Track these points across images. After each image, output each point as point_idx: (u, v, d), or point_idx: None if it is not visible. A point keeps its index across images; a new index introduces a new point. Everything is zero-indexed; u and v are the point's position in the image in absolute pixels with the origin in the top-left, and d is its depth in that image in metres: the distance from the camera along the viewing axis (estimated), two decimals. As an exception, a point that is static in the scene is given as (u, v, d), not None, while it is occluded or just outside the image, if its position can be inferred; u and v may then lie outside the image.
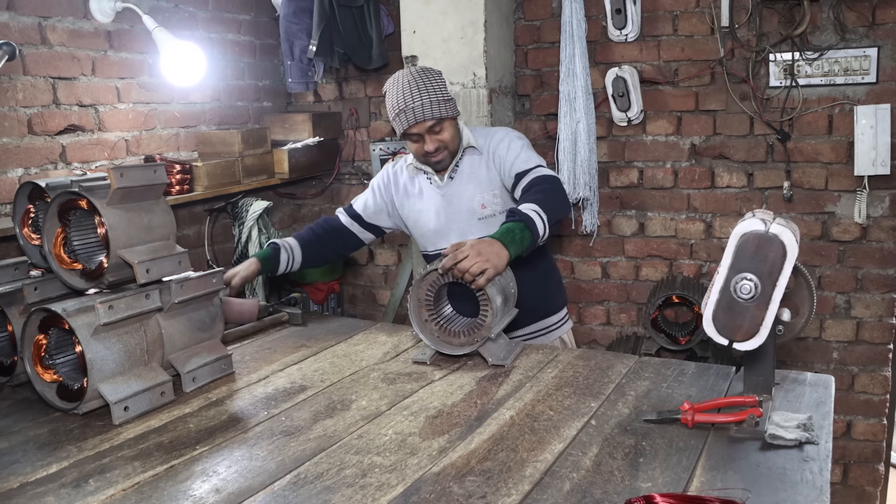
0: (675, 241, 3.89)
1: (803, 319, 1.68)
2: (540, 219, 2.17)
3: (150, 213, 1.88)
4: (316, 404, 1.80)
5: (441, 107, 2.37)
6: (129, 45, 3.47)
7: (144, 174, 1.85)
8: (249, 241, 3.89)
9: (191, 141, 3.87)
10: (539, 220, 2.16)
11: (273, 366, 2.11)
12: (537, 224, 2.15)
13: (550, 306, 2.67)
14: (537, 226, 2.15)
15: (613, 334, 4.09)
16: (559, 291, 2.74)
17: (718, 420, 1.55)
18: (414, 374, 1.98)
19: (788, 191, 3.58)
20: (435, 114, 2.37)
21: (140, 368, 1.82)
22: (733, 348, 1.55)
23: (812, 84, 3.46)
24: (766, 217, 1.55)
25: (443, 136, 2.42)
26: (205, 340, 2.00)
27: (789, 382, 1.78)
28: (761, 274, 1.51)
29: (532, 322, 2.60)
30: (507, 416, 1.68)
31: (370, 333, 2.39)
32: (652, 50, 3.74)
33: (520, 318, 2.48)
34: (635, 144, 3.87)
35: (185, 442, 1.63)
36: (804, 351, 3.71)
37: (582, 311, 4.13)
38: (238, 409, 1.81)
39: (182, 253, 1.91)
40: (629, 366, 1.96)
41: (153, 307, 1.84)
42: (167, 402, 1.84)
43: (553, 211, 2.23)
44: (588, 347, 4.08)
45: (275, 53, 4.49)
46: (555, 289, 2.71)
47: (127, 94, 3.49)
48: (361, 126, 4.57)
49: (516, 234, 2.10)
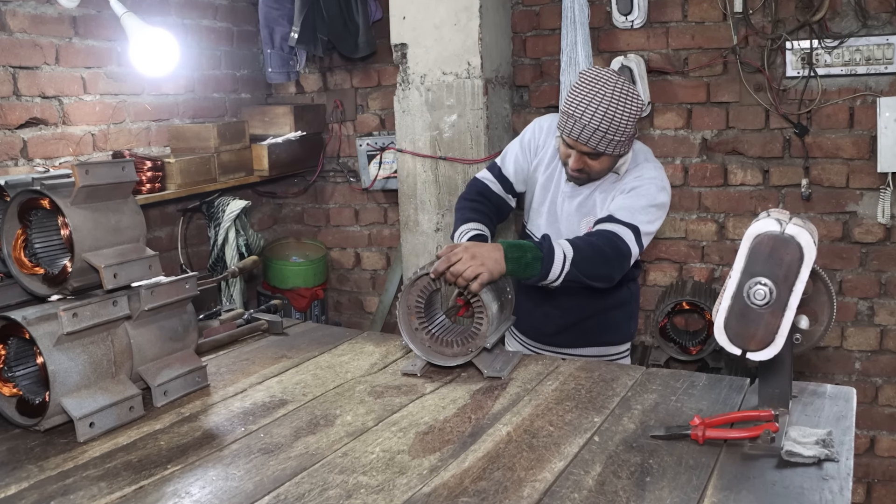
0: (685, 244, 3.89)
1: (822, 327, 1.68)
2: (562, 263, 2.09)
3: (118, 214, 1.88)
4: (297, 420, 1.80)
5: (610, 143, 2.24)
6: (96, 31, 3.47)
7: (112, 171, 1.85)
8: (226, 243, 3.89)
9: (162, 135, 3.87)
10: (559, 264, 2.09)
11: (251, 378, 2.10)
12: (555, 265, 2.08)
13: (615, 335, 2.63)
14: (553, 266, 2.08)
15: (619, 343, 4.10)
16: (626, 323, 2.67)
17: (731, 436, 1.55)
18: (403, 388, 1.98)
19: (806, 189, 3.59)
20: (599, 146, 2.24)
21: (107, 381, 1.81)
22: (747, 358, 1.56)
23: (832, 74, 3.47)
24: (782, 217, 1.56)
25: (593, 163, 2.31)
26: (177, 351, 2.00)
27: (807, 395, 1.79)
28: (777, 278, 1.51)
29: (588, 345, 2.59)
30: (503, 433, 1.68)
31: (356, 343, 2.39)
32: (660, 37, 3.75)
33: (575, 335, 2.47)
34: (642, 139, 3.87)
35: (155, 461, 1.62)
36: (824, 361, 3.72)
37: (585, 319, 4.14)
38: (213, 425, 1.80)
39: (153, 256, 1.90)
40: (635, 378, 1.96)
41: (121, 315, 1.84)
42: (136, 417, 1.84)
43: (584, 270, 2.12)
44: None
45: (253, 41, 4.48)
46: (620, 318, 2.64)
47: (93, 85, 3.48)
48: (347, 119, 4.57)
49: (526, 257, 2.05)
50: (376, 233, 4.68)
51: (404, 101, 3.78)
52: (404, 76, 3.76)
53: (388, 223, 4.62)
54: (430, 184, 3.77)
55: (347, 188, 4.67)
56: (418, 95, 3.74)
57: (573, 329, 2.58)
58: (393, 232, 4.58)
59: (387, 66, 4.37)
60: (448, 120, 3.70)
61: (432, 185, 3.77)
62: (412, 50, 3.73)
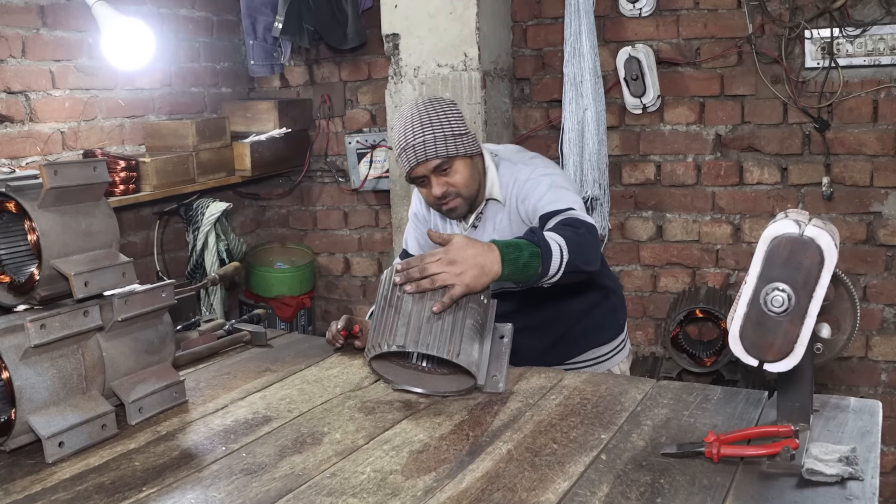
0: (698, 247, 3.90)
1: (845, 336, 1.68)
2: (560, 256, 1.97)
3: (89, 217, 1.87)
4: (282, 438, 1.80)
5: (449, 143, 2.26)
6: (66, 22, 3.47)
7: (83, 172, 1.84)
8: (205, 248, 3.89)
9: (137, 133, 3.87)
10: (557, 257, 1.97)
11: (233, 393, 2.10)
12: (553, 259, 1.96)
13: (600, 335, 2.64)
14: (552, 261, 1.96)
15: (628, 354, 4.10)
16: (614, 317, 2.67)
17: (748, 453, 1.55)
18: (396, 403, 1.98)
19: (828, 187, 3.60)
20: (440, 151, 2.24)
21: (77, 398, 1.81)
22: (764, 370, 1.56)
23: (854, 65, 3.49)
24: (801, 218, 1.56)
25: (453, 178, 2.29)
26: (153, 364, 1.99)
27: (830, 409, 1.79)
28: (795, 284, 1.51)
29: (578, 353, 2.60)
30: (503, 451, 1.68)
31: (345, 355, 2.38)
32: (670, 26, 3.76)
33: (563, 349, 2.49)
34: (651, 135, 3.89)
35: (129, 483, 1.61)
36: (847, 372, 3.72)
37: (591, 328, 4.14)
38: (192, 444, 1.80)
39: (126, 263, 1.90)
40: (645, 391, 1.96)
41: (93, 326, 1.83)
42: (109, 436, 1.83)
43: (577, 257, 2.01)
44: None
45: (235, 31, 4.49)
46: (608, 315, 2.65)
47: (63, 79, 3.48)
48: (335, 115, 4.58)
49: (522, 256, 1.92)
50: (367, 237, 4.68)
51: (396, 95, 3.78)
52: (396, 69, 3.77)
53: (379, 226, 4.62)
54: (425, 184, 3.77)
55: (336, 189, 4.67)
56: (411, 89, 3.74)
57: (559, 345, 2.59)
58: (385, 236, 4.58)
59: (378, 57, 4.37)
60: (443, 115, 3.69)
61: (427, 185, 3.77)
62: (405, 40, 3.73)
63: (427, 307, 1.87)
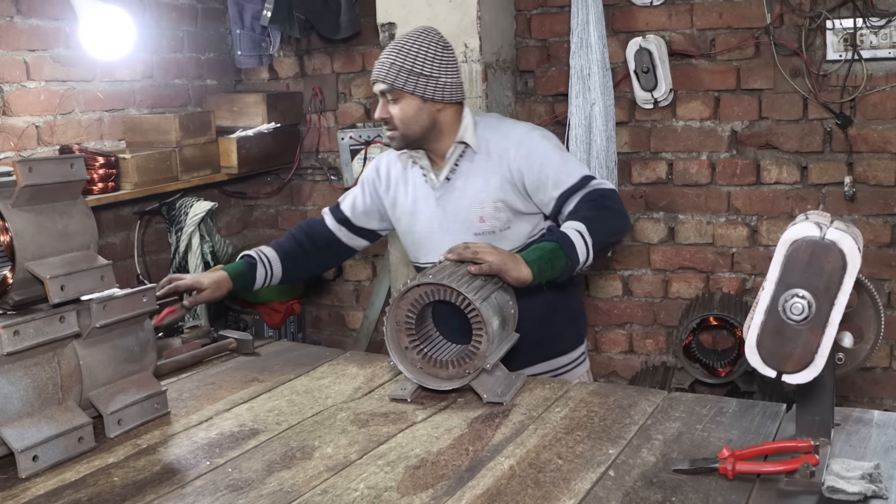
0: (712, 250, 3.90)
1: (868, 345, 1.69)
2: (583, 241, 2.21)
3: (65, 217, 1.87)
4: (270, 452, 1.80)
5: (402, 75, 2.40)
6: (41, 9, 3.47)
7: (59, 169, 1.85)
8: (189, 250, 3.89)
9: (117, 128, 3.87)
10: (581, 243, 2.21)
11: (218, 405, 2.10)
12: (577, 247, 2.20)
13: (559, 345, 2.64)
14: (577, 249, 2.20)
15: (637, 364, 4.10)
16: (574, 326, 2.70)
17: (765, 470, 1.55)
18: (391, 415, 1.98)
19: (850, 188, 3.61)
20: (389, 78, 2.40)
21: (53, 409, 1.81)
22: (783, 382, 1.56)
23: (878, 57, 3.49)
24: (823, 220, 1.56)
25: (394, 109, 2.45)
26: (133, 373, 1.99)
27: (852, 423, 1.79)
28: (816, 290, 1.52)
29: (534, 362, 2.57)
30: (505, 466, 1.68)
31: (338, 364, 2.39)
32: (683, 15, 3.77)
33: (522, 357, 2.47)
34: (663, 131, 3.89)
35: (107, 499, 1.61)
36: (870, 384, 3.73)
37: (599, 337, 4.14)
38: (174, 459, 1.80)
39: (105, 266, 1.90)
40: (656, 403, 1.97)
41: (69, 333, 1.83)
42: (86, 449, 1.83)
43: (604, 232, 2.27)
44: (606, 381, 4.09)
45: (221, 20, 4.49)
46: (567, 322, 2.67)
47: (38, 71, 3.48)
48: (327, 109, 4.58)
49: (545, 254, 2.15)
50: (361, 238, 4.67)
51: (393, 88, 3.78)
52: (392, 60, 3.77)
53: (374, 227, 4.62)
54: (422, 182, 3.77)
55: (328, 187, 4.67)
56: (408, 82, 3.74)
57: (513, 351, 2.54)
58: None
59: (372, 48, 4.37)
60: (442, 110, 3.69)
61: (424, 183, 3.77)
62: (401, 30, 3.73)
63: (463, 269, 2.06)
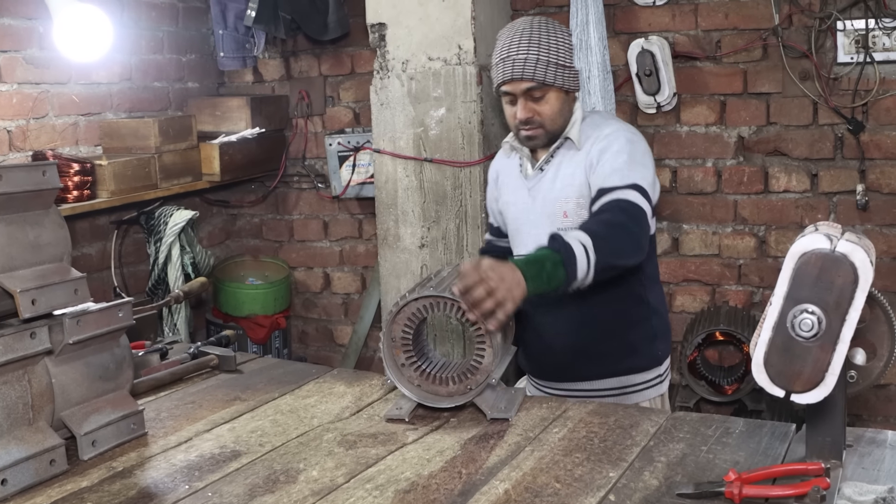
0: (718, 262, 3.91)
1: (882, 362, 1.69)
2: (585, 256, 2.09)
3: (37, 227, 1.87)
4: (253, 475, 1.79)
5: (550, 70, 2.39)
6: (14, 8, 3.47)
7: (31, 176, 1.84)
8: (169, 261, 3.89)
9: (93, 132, 3.86)
10: (583, 258, 2.09)
11: (197, 425, 2.09)
12: (578, 261, 2.08)
13: (637, 360, 2.59)
14: (577, 263, 2.08)
15: (640, 382, 4.10)
16: (654, 344, 2.62)
17: (774, 494, 1.55)
18: (380, 436, 1.97)
19: (862, 196, 3.62)
20: (538, 75, 2.38)
21: (22, 429, 1.80)
22: (792, 401, 1.56)
23: (891, 60, 3.51)
24: (833, 231, 1.57)
25: (542, 107, 2.43)
26: (108, 392, 1.99)
27: (865, 444, 1.79)
28: (826, 305, 1.52)
29: (606, 376, 2.55)
30: (500, 491, 1.68)
31: (325, 382, 2.38)
32: (687, 16, 3.78)
33: (588, 365, 2.48)
34: (666, 137, 3.90)
35: (80, 526, 1.61)
36: (884, 402, 3.73)
37: (600, 352, 4.14)
38: (151, 483, 1.79)
39: (79, 279, 1.90)
40: (659, 423, 1.97)
41: (41, 349, 1.83)
42: (58, 472, 1.82)
43: (607, 252, 2.14)
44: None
45: (203, 20, 4.50)
46: (648, 338, 2.61)
47: (10, 72, 3.48)
48: (314, 114, 4.58)
49: (545, 268, 2.04)
50: (349, 249, 4.68)
51: (383, 91, 3.79)
52: (383, 62, 3.78)
53: (363, 238, 4.62)
54: (414, 191, 3.78)
55: (315, 196, 4.67)
56: (399, 85, 3.75)
57: (580, 358, 2.55)
58: (369, 248, 4.58)
59: (362, 49, 4.39)
60: (435, 114, 3.71)
61: (416, 192, 3.78)
62: (392, 31, 3.74)
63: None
